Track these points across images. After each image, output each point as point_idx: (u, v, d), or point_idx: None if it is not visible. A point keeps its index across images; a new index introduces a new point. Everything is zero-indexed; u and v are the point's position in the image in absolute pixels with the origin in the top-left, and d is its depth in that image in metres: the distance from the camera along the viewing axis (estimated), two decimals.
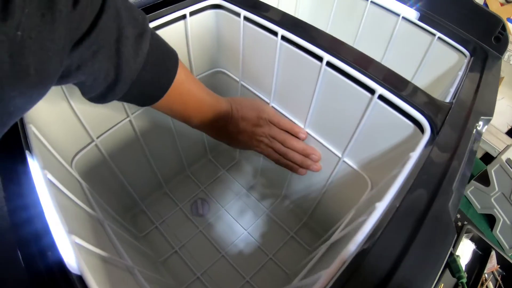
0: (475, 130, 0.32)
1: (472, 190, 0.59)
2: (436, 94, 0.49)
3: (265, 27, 0.36)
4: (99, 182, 0.42)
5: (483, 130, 0.34)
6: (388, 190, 0.24)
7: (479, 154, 0.70)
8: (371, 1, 0.49)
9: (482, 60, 0.43)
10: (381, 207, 0.22)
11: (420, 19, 0.47)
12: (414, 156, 0.27)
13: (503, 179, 0.53)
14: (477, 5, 0.46)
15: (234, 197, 0.55)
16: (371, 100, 0.32)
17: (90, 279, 0.19)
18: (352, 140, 0.36)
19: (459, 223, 0.56)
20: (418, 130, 0.31)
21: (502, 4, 0.62)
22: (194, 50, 0.42)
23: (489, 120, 0.35)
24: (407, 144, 0.32)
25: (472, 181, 0.58)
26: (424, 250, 0.21)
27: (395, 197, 0.24)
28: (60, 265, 0.20)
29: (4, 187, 0.24)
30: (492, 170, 0.54)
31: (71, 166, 0.37)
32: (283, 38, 0.35)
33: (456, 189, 0.26)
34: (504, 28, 0.44)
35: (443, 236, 0.22)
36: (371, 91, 0.32)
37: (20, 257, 0.21)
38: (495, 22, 0.45)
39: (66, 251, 0.21)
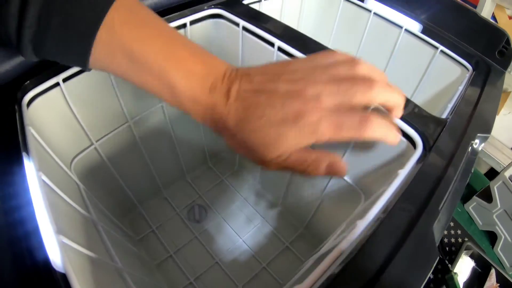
0: (470, 148, 0.31)
1: (474, 206, 0.58)
2: (438, 108, 0.49)
3: (262, 38, 0.37)
4: (99, 185, 0.43)
5: (480, 148, 0.33)
6: (371, 208, 0.24)
7: (483, 170, 0.69)
8: (374, 13, 0.50)
9: (485, 75, 0.42)
10: (361, 225, 0.23)
11: (423, 31, 0.47)
12: (403, 173, 0.27)
13: (506, 196, 0.52)
14: (481, 19, 0.46)
15: (232, 204, 0.56)
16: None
17: (73, 277, 0.20)
18: (346, 154, 0.37)
19: (460, 240, 0.56)
20: (411, 146, 0.31)
21: (510, 17, 0.61)
22: None
23: (487, 137, 0.34)
24: (401, 160, 0.32)
25: (475, 197, 0.57)
26: (402, 272, 0.21)
27: (379, 215, 0.24)
28: (46, 263, 0.21)
29: (1, 188, 0.25)
30: (495, 187, 0.53)
31: (70, 168, 0.38)
32: (280, 49, 0.36)
33: (445, 209, 0.25)
34: (508, 42, 0.44)
35: (423, 259, 0.22)
36: None
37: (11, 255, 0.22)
38: (500, 36, 0.44)
39: (53, 249, 0.21)
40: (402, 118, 0.31)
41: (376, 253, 0.21)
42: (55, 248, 0.21)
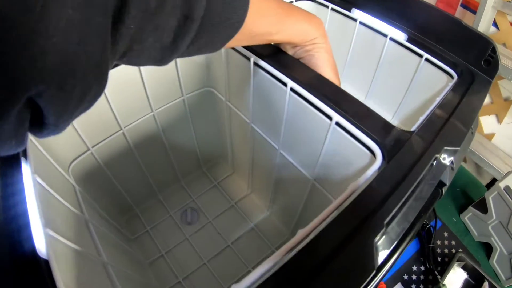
0: (435, 161, 0.32)
1: (469, 217, 0.60)
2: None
3: (240, 53, 0.42)
4: (97, 187, 0.49)
5: (448, 162, 0.34)
6: (314, 219, 0.28)
7: (486, 180, 0.70)
8: (360, 22, 0.53)
9: (467, 84, 0.44)
10: (302, 233, 0.27)
11: (408, 40, 0.50)
12: (352, 186, 0.30)
13: (501, 207, 0.54)
14: (466, 27, 0.48)
15: (223, 209, 0.61)
16: (330, 126, 0.36)
17: (54, 263, 0.26)
18: (318, 164, 0.41)
19: (453, 250, 0.58)
20: (374, 159, 0.34)
21: None
22: (182, 70, 0.49)
23: (455, 150, 0.36)
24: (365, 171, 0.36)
25: (470, 207, 0.59)
26: (332, 283, 0.22)
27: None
28: (34, 251, 0.27)
29: (2, 189, 0.32)
30: (490, 197, 0.55)
31: (67, 171, 0.44)
32: (255, 64, 0.41)
33: (399, 223, 0.26)
34: (494, 51, 0.46)
35: (356, 273, 0.23)
36: (330, 117, 0.36)
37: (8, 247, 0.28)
38: (485, 45, 0.46)
39: (39, 240, 0.27)
40: (363, 130, 0.34)
41: (307, 263, 0.24)
42: (42, 239, 0.27)
